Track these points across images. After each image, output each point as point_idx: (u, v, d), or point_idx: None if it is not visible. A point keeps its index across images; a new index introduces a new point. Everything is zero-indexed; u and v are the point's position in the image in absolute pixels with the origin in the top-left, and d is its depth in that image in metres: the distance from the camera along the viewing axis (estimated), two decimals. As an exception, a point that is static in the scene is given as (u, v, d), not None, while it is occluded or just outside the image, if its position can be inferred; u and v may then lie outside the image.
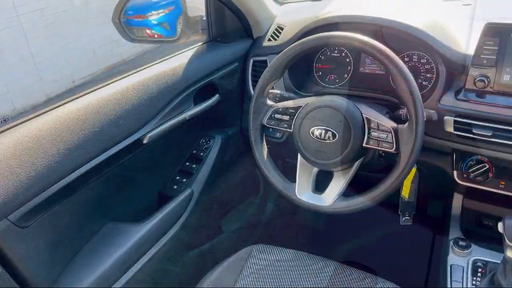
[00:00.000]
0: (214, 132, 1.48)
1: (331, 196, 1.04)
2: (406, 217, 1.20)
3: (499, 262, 0.96)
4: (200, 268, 1.28)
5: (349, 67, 1.35)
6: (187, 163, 1.42)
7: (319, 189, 1.09)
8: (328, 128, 1.01)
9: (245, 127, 1.53)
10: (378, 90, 1.27)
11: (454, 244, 1.13)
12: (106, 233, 1.14)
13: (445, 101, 1.12)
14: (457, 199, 1.27)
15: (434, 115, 1.09)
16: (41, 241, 0.96)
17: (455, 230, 1.21)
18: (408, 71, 0.94)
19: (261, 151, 1.12)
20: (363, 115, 1.01)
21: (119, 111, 1.10)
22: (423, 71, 1.23)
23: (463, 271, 1.08)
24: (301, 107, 1.07)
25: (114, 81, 1.17)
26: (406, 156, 0.94)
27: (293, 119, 1.08)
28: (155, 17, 1.34)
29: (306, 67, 1.40)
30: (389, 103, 1.20)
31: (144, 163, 1.26)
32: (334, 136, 1.01)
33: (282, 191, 1.09)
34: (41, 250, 0.96)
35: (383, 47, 0.95)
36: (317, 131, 1.02)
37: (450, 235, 1.19)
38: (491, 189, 1.14)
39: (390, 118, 1.02)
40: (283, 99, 1.15)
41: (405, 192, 1.18)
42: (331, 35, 1.01)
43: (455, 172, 1.18)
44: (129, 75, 1.20)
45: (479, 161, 1.13)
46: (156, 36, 1.37)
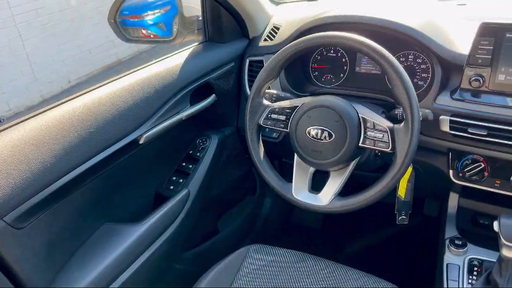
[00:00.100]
0: (210, 132, 1.48)
1: (327, 196, 1.04)
2: (402, 216, 1.21)
3: (494, 260, 0.96)
4: (197, 268, 1.27)
5: (345, 67, 1.35)
6: (183, 163, 1.42)
7: (315, 188, 1.09)
8: (324, 128, 1.02)
9: (241, 127, 1.53)
10: (374, 90, 1.27)
11: (450, 243, 1.13)
12: (103, 233, 1.13)
13: (440, 100, 1.13)
14: (453, 198, 1.27)
15: (430, 115, 1.09)
16: (37, 242, 0.96)
17: (451, 229, 1.21)
18: (403, 71, 0.94)
19: (258, 151, 1.12)
20: (359, 114, 1.01)
21: (115, 111, 1.10)
22: (418, 70, 1.24)
23: (459, 270, 1.08)
24: (298, 107, 1.07)
25: (110, 82, 1.16)
26: (402, 156, 0.94)
27: (289, 119, 1.08)
28: (150, 17, 1.34)
29: (303, 67, 1.40)
30: (385, 102, 1.20)
31: (141, 163, 1.26)
32: (330, 136, 1.01)
33: (278, 190, 1.10)
34: (37, 251, 0.96)
35: (379, 47, 0.96)
36: (313, 131, 1.03)
37: (446, 234, 1.20)
38: (487, 188, 1.15)
39: (386, 117, 1.02)
40: (279, 99, 1.15)
41: (401, 192, 1.19)
42: (327, 35, 1.01)
43: (451, 172, 1.18)
44: (125, 76, 1.20)
45: (475, 160, 1.13)
46: (152, 36, 1.37)
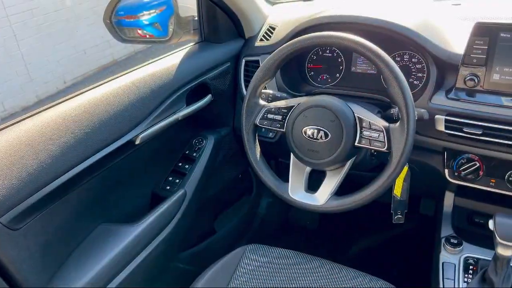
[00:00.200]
0: (206, 132, 1.48)
1: (323, 196, 1.05)
2: (398, 215, 1.21)
3: (490, 259, 0.97)
4: (194, 268, 1.28)
5: (341, 67, 1.35)
6: (179, 164, 1.42)
7: (312, 188, 1.09)
8: (320, 128, 1.02)
9: (237, 127, 1.53)
10: (370, 90, 1.27)
11: (446, 242, 1.14)
12: (99, 234, 1.13)
13: (436, 100, 1.13)
14: (449, 197, 1.28)
15: (425, 114, 1.10)
16: (33, 243, 0.96)
17: (446, 228, 1.22)
18: (399, 71, 0.94)
19: (254, 151, 1.12)
20: (355, 114, 1.01)
21: (111, 112, 1.10)
22: (414, 70, 1.24)
23: (455, 268, 1.09)
24: (294, 107, 1.07)
25: (106, 82, 1.16)
26: (397, 155, 0.95)
27: (285, 119, 1.08)
28: (146, 17, 1.34)
29: (298, 67, 1.40)
30: (380, 102, 1.20)
31: (137, 164, 1.26)
32: (326, 135, 1.01)
33: (275, 190, 1.10)
34: (34, 252, 0.96)
35: (374, 47, 0.96)
36: (309, 130, 1.03)
37: (442, 233, 1.20)
38: (482, 187, 1.15)
39: (382, 117, 1.02)
40: (275, 99, 1.15)
41: (397, 191, 1.19)
42: (322, 35, 1.01)
43: (446, 171, 1.19)
44: (120, 76, 1.20)
45: (470, 159, 1.14)
46: (147, 37, 1.36)
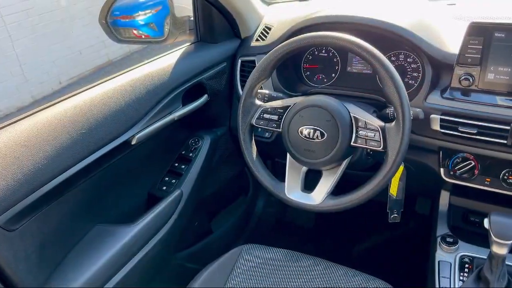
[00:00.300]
0: (203, 132, 1.48)
1: (320, 195, 1.05)
2: (394, 214, 1.22)
3: (485, 257, 0.97)
4: (191, 268, 1.28)
5: (337, 67, 1.36)
6: (176, 164, 1.41)
7: (308, 188, 1.09)
8: (316, 128, 1.02)
9: (234, 127, 1.53)
10: (366, 89, 1.28)
11: (441, 241, 1.14)
12: (95, 235, 1.13)
13: (431, 99, 1.14)
14: (444, 196, 1.28)
15: (421, 114, 1.10)
16: (29, 244, 0.95)
17: (442, 227, 1.22)
18: (394, 71, 0.95)
19: (251, 151, 1.12)
20: (351, 114, 1.01)
21: (107, 112, 1.09)
22: (409, 70, 1.25)
23: (450, 267, 1.10)
24: (290, 107, 1.08)
25: (102, 83, 1.16)
26: (393, 154, 0.95)
27: (281, 118, 1.08)
28: (142, 17, 1.33)
29: (294, 67, 1.41)
30: (376, 102, 1.21)
31: (133, 164, 1.26)
32: (322, 135, 1.02)
33: (271, 190, 1.10)
34: (30, 253, 0.95)
35: (370, 47, 0.96)
36: (305, 130, 1.03)
37: (438, 232, 1.21)
38: (477, 186, 1.16)
39: (378, 117, 1.03)
40: (271, 99, 1.15)
41: (393, 190, 1.20)
42: (318, 35, 1.02)
43: (441, 170, 1.20)
44: (116, 76, 1.19)
45: (465, 158, 1.15)
46: (143, 37, 1.36)
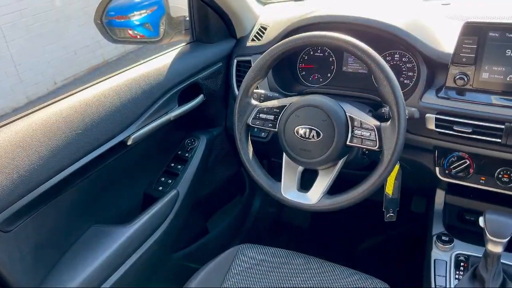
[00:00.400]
0: (199, 132, 1.48)
1: (316, 194, 1.05)
2: (390, 213, 1.22)
3: (480, 256, 0.98)
4: (187, 269, 1.27)
5: (332, 67, 1.36)
6: (172, 164, 1.41)
7: (304, 187, 1.09)
8: (312, 127, 1.02)
9: (230, 127, 1.53)
10: (361, 89, 1.28)
11: (437, 239, 1.15)
12: (91, 235, 1.12)
13: (426, 99, 1.14)
14: (440, 195, 1.29)
15: (416, 113, 1.11)
16: (24, 245, 0.95)
17: (438, 225, 1.23)
18: (390, 70, 0.95)
19: (247, 150, 1.12)
20: (347, 113, 1.02)
21: (103, 112, 1.09)
22: (404, 69, 1.25)
23: (446, 265, 1.10)
24: (286, 107, 1.08)
25: (97, 83, 1.16)
26: (389, 154, 0.95)
27: (277, 118, 1.08)
28: (137, 17, 1.33)
29: (290, 67, 1.41)
30: (372, 101, 1.21)
31: (129, 164, 1.26)
32: (318, 135, 1.02)
33: (268, 190, 1.10)
34: (25, 254, 0.95)
35: (365, 47, 0.96)
36: (301, 130, 1.03)
37: (433, 230, 1.21)
38: (472, 185, 1.17)
39: (373, 116, 1.03)
40: (267, 98, 1.15)
41: (389, 189, 1.20)
42: (313, 35, 1.02)
43: (437, 169, 1.20)
44: (112, 76, 1.19)
45: (460, 157, 1.15)
46: (138, 37, 1.36)
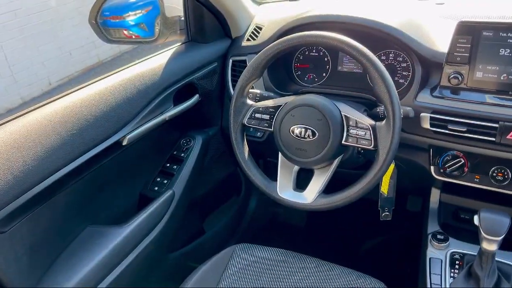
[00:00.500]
0: (194, 132, 1.48)
1: (312, 194, 1.05)
2: (386, 212, 1.22)
3: (475, 254, 0.99)
4: (183, 269, 1.27)
5: (328, 66, 1.36)
6: (167, 164, 1.41)
7: (300, 187, 1.10)
8: (307, 127, 1.02)
9: (225, 127, 1.53)
10: (356, 88, 1.28)
11: (432, 238, 1.16)
12: (87, 236, 1.12)
13: (421, 98, 1.15)
14: (435, 193, 1.30)
15: (411, 112, 1.11)
16: (19, 246, 0.94)
17: (433, 224, 1.23)
18: (385, 70, 0.95)
19: (242, 150, 1.12)
20: (342, 113, 1.02)
21: (98, 112, 1.09)
22: (399, 69, 1.26)
23: (441, 263, 1.11)
24: (281, 106, 1.08)
25: (92, 83, 1.15)
26: (384, 153, 0.96)
27: (273, 118, 1.08)
28: (132, 17, 1.33)
29: (285, 67, 1.41)
30: (367, 101, 1.21)
31: (124, 165, 1.25)
32: (313, 134, 1.02)
33: (263, 189, 1.10)
34: (20, 255, 0.95)
35: (360, 46, 0.97)
36: (297, 129, 1.03)
37: (429, 229, 1.22)
38: (467, 183, 1.17)
39: (368, 115, 1.03)
40: (263, 98, 1.15)
41: (384, 188, 1.20)
42: (308, 34, 1.02)
43: (432, 168, 1.21)
44: (107, 76, 1.19)
45: (455, 156, 1.16)
46: (133, 37, 1.36)
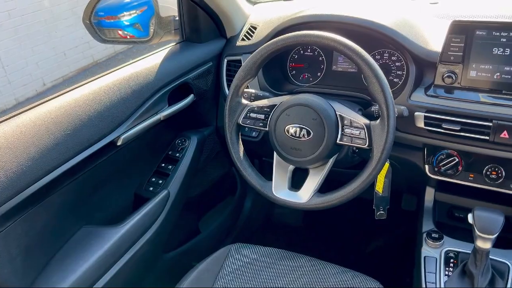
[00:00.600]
0: (189, 132, 1.47)
1: (307, 193, 1.05)
2: (381, 211, 1.23)
3: (469, 252, 0.99)
4: (179, 269, 1.27)
5: (322, 66, 1.37)
6: (163, 164, 1.41)
7: (295, 186, 1.10)
8: (302, 126, 1.03)
9: (220, 126, 1.53)
10: (351, 88, 1.29)
11: (427, 237, 1.16)
12: (82, 236, 1.12)
13: (415, 97, 1.15)
14: (429, 192, 1.30)
15: (405, 111, 1.11)
16: (14, 246, 0.94)
17: (427, 222, 1.24)
18: (379, 69, 0.96)
19: (238, 150, 1.12)
20: (337, 112, 1.02)
21: (92, 113, 1.09)
22: (393, 68, 1.26)
23: (436, 262, 1.11)
24: (276, 106, 1.08)
25: (86, 83, 1.15)
26: (378, 152, 0.96)
27: (268, 118, 1.09)
28: (127, 18, 1.32)
29: (280, 66, 1.41)
30: (361, 100, 1.22)
31: (119, 165, 1.25)
32: (308, 133, 1.02)
33: (259, 189, 1.10)
34: (15, 256, 0.94)
35: (354, 46, 0.97)
36: (292, 129, 1.03)
37: (423, 228, 1.22)
38: (461, 182, 1.18)
39: (363, 115, 1.03)
40: (258, 98, 1.16)
41: (379, 187, 1.21)
42: (303, 34, 1.02)
43: (426, 166, 1.21)
44: (101, 76, 1.19)
45: (449, 155, 1.16)
46: (128, 37, 1.35)
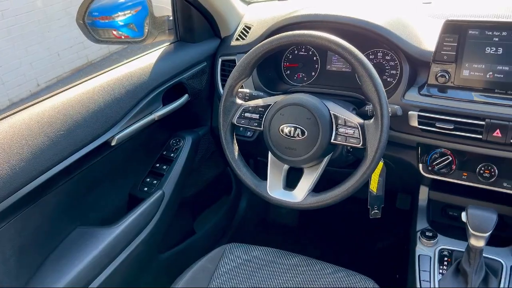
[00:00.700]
0: (184, 132, 1.47)
1: (301, 192, 1.06)
2: (375, 210, 1.23)
3: (463, 250, 1.00)
4: (174, 269, 1.27)
5: (316, 65, 1.37)
6: (157, 165, 1.41)
7: (290, 186, 1.10)
8: (297, 126, 1.03)
9: (215, 126, 1.53)
10: (345, 87, 1.29)
11: (421, 235, 1.17)
12: (76, 237, 1.11)
13: (409, 96, 1.16)
14: (423, 191, 1.31)
15: (399, 110, 1.12)
16: (7, 247, 0.94)
17: (422, 221, 1.25)
18: (373, 69, 0.96)
19: (232, 150, 1.12)
20: (331, 112, 1.02)
21: (86, 113, 1.08)
22: (387, 67, 1.27)
23: (430, 260, 1.12)
24: (271, 106, 1.08)
25: (80, 83, 1.15)
26: (372, 151, 0.96)
27: (262, 117, 1.09)
28: (121, 18, 1.32)
29: (275, 66, 1.41)
30: (355, 99, 1.22)
31: (113, 165, 1.25)
32: (303, 133, 1.02)
33: (253, 189, 1.10)
34: (8, 257, 0.94)
35: (348, 45, 0.97)
36: (286, 128, 1.04)
37: (418, 226, 1.23)
38: (455, 181, 1.19)
39: (357, 114, 1.04)
40: (252, 98, 1.16)
41: (373, 186, 1.21)
42: (297, 34, 1.02)
43: (420, 165, 1.22)
44: (95, 76, 1.18)
45: (443, 153, 1.17)
46: (123, 37, 1.35)
